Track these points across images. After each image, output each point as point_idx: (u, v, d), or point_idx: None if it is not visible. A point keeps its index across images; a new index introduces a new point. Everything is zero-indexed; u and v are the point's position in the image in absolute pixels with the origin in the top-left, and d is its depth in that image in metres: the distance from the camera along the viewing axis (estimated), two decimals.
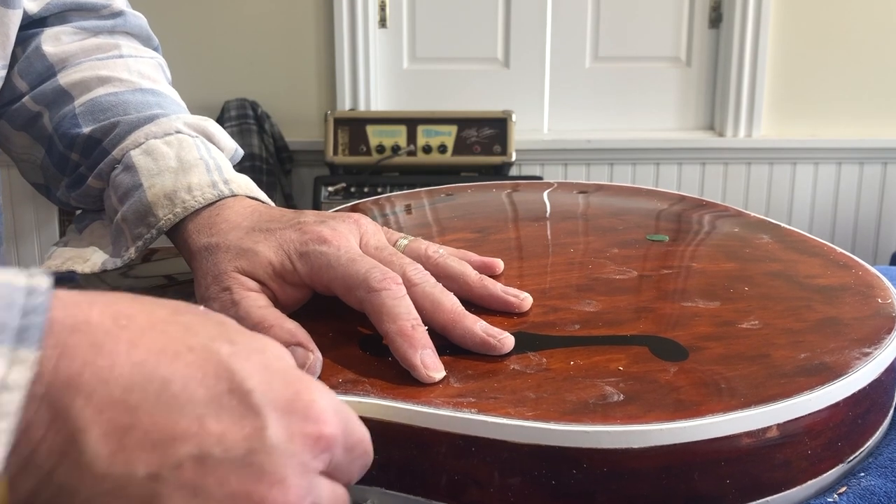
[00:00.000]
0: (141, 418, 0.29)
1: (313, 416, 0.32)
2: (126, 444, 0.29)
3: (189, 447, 0.29)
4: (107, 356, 0.29)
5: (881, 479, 0.42)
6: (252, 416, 0.31)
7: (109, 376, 0.29)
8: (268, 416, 0.31)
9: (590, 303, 0.50)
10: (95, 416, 0.29)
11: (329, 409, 0.33)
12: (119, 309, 0.31)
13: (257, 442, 0.30)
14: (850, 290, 0.52)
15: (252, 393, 0.31)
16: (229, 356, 0.32)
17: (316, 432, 0.32)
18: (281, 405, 0.31)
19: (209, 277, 0.49)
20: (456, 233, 0.63)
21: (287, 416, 0.31)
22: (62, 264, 0.55)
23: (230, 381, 0.31)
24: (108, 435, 0.29)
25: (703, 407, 0.39)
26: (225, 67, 2.57)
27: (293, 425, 0.31)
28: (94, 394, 0.29)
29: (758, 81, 2.55)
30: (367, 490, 0.42)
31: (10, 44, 0.60)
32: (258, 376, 0.32)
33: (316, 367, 0.44)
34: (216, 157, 0.56)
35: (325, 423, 0.32)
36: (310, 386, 0.33)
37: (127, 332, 0.30)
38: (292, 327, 0.45)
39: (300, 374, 0.33)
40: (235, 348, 0.32)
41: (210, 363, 0.31)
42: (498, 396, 0.40)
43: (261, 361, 0.32)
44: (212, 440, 0.30)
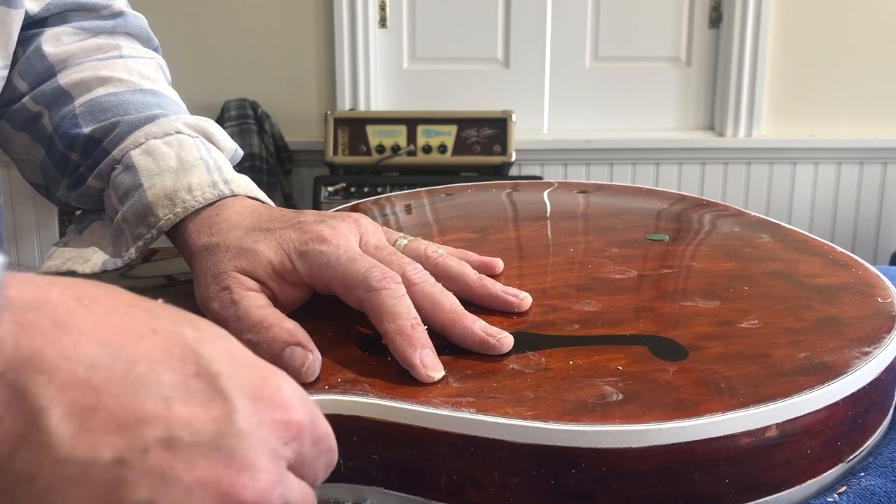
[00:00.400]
0: (106, 399, 0.28)
1: (281, 402, 0.32)
2: (90, 426, 0.27)
3: (156, 430, 0.28)
4: (69, 333, 0.28)
5: (881, 478, 0.42)
6: (220, 400, 0.30)
7: (73, 354, 0.28)
8: (236, 400, 0.30)
9: (589, 302, 0.50)
10: (58, 395, 0.27)
11: (296, 397, 0.32)
12: (80, 290, 0.30)
13: (226, 426, 0.29)
14: (850, 289, 0.52)
15: (219, 376, 0.30)
16: (194, 340, 0.31)
17: (285, 418, 0.31)
18: (249, 390, 0.31)
19: (209, 277, 0.49)
20: (456, 232, 0.63)
21: (255, 402, 0.31)
22: (62, 264, 0.55)
23: (197, 364, 0.30)
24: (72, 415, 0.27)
25: (703, 406, 0.39)
26: (225, 67, 2.57)
27: (262, 411, 0.31)
28: (57, 371, 0.27)
29: (758, 81, 2.55)
30: (367, 490, 0.42)
31: (12, 44, 0.60)
32: (225, 361, 0.31)
33: (315, 367, 0.43)
34: (216, 157, 0.57)
35: (294, 410, 0.32)
36: (276, 373, 0.33)
37: (90, 311, 0.29)
38: (292, 327, 0.45)
39: (265, 364, 0.33)
40: (200, 333, 0.32)
41: (175, 346, 0.30)
42: (497, 396, 0.40)
43: (225, 347, 0.32)
44: (179, 423, 0.29)
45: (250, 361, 0.32)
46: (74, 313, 0.29)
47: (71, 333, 0.28)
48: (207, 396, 0.30)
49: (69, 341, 0.28)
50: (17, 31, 0.60)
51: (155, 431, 0.28)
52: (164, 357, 0.30)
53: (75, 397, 0.27)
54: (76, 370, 0.28)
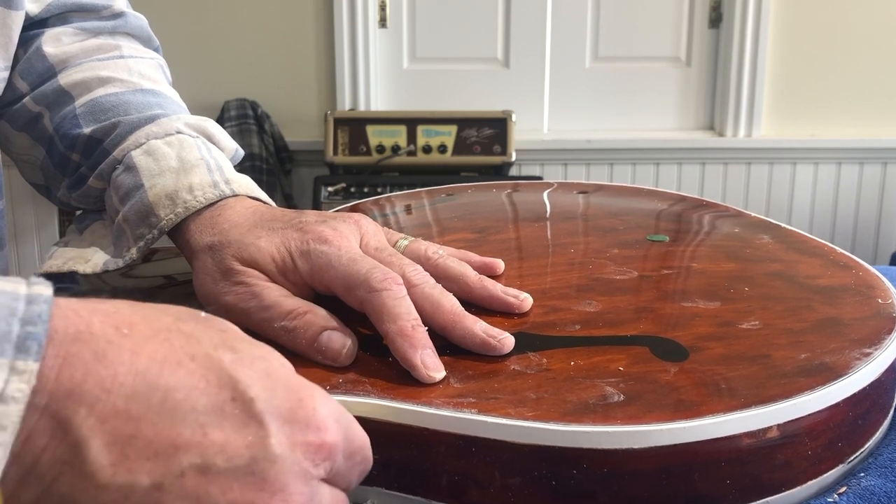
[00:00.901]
0: (143, 428, 0.29)
1: (315, 424, 0.32)
2: (129, 454, 0.29)
3: (192, 456, 0.29)
4: (109, 365, 0.29)
5: (881, 479, 0.42)
6: (255, 425, 0.31)
7: (112, 385, 0.29)
8: (270, 424, 0.31)
9: (590, 303, 0.50)
10: (98, 426, 0.29)
11: (331, 418, 0.33)
12: (121, 317, 0.31)
13: (260, 451, 0.30)
14: (850, 290, 0.52)
15: (255, 401, 0.31)
16: (232, 364, 0.32)
17: (318, 441, 0.32)
18: (284, 413, 0.32)
19: (216, 274, 0.49)
20: (456, 233, 0.63)
21: (290, 425, 0.32)
22: (63, 264, 0.55)
23: (233, 389, 0.31)
24: (111, 445, 0.29)
25: (704, 407, 0.39)
26: (225, 67, 2.57)
27: (296, 434, 0.32)
28: (97, 403, 0.29)
29: (758, 81, 2.55)
30: (367, 490, 0.42)
31: (12, 45, 0.60)
32: (261, 384, 0.32)
33: (353, 351, 0.45)
34: (217, 157, 0.57)
35: (327, 432, 0.33)
36: (313, 394, 0.33)
37: (129, 340, 0.30)
38: (326, 313, 0.46)
39: (303, 382, 0.34)
40: (238, 356, 0.32)
41: (212, 371, 0.31)
42: (498, 397, 0.40)
43: (264, 369, 0.33)
44: (214, 449, 0.30)
45: (288, 381, 0.33)
46: (114, 344, 0.30)
47: (111, 365, 0.29)
48: (242, 422, 0.31)
49: (109, 373, 0.29)
50: (17, 32, 0.60)
51: (190, 457, 0.29)
52: (200, 383, 0.31)
53: (114, 427, 0.29)
54: (115, 401, 0.29)
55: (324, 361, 0.45)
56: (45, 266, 0.55)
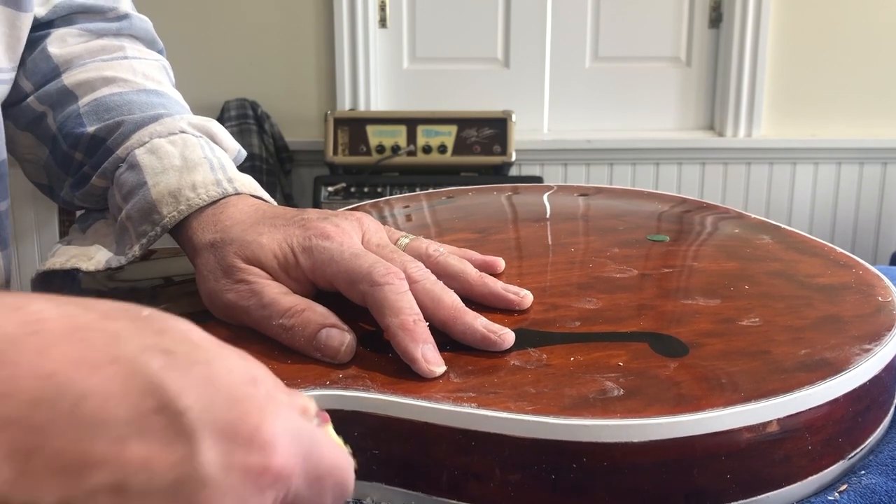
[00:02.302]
0: (48, 440, 0.25)
1: (259, 443, 0.27)
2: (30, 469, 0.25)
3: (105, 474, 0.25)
4: (7, 367, 0.25)
5: (882, 477, 0.42)
6: (183, 441, 0.26)
7: (10, 390, 0.25)
8: (202, 440, 0.26)
9: (590, 300, 0.50)
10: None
11: (281, 437, 0.28)
12: (30, 313, 0.27)
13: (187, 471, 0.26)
14: (850, 288, 0.52)
15: (185, 412, 0.26)
16: (162, 368, 0.27)
17: (259, 464, 0.27)
18: (220, 427, 0.27)
19: (218, 272, 0.49)
20: (457, 233, 0.63)
21: (227, 443, 0.27)
22: (66, 262, 0.55)
23: (159, 398, 0.26)
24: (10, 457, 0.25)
25: (704, 401, 0.39)
26: (225, 67, 2.57)
27: (234, 453, 0.27)
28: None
29: (758, 81, 2.55)
30: (368, 486, 0.42)
31: (21, 46, 0.60)
32: (195, 392, 0.27)
33: (352, 348, 0.44)
34: (220, 156, 0.57)
35: (273, 454, 0.28)
36: (262, 406, 0.28)
37: (37, 338, 0.26)
38: (324, 310, 0.46)
39: (252, 392, 0.29)
40: (171, 360, 0.27)
41: (136, 377, 0.26)
42: (498, 391, 0.41)
43: (203, 375, 0.28)
44: (132, 467, 0.26)
45: (234, 391, 0.28)
46: (16, 342, 0.26)
47: (10, 366, 0.25)
48: (169, 436, 0.26)
49: (6, 374, 0.25)
50: (26, 33, 0.60)
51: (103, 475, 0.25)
52: (120, 390, 0.26)
53: (14, 437, 0.25)
54: (15, 407, 0.25)
55: (323, 359, 0.45)
56: (47, 263, 0.55)
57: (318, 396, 0.41)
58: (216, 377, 0.28)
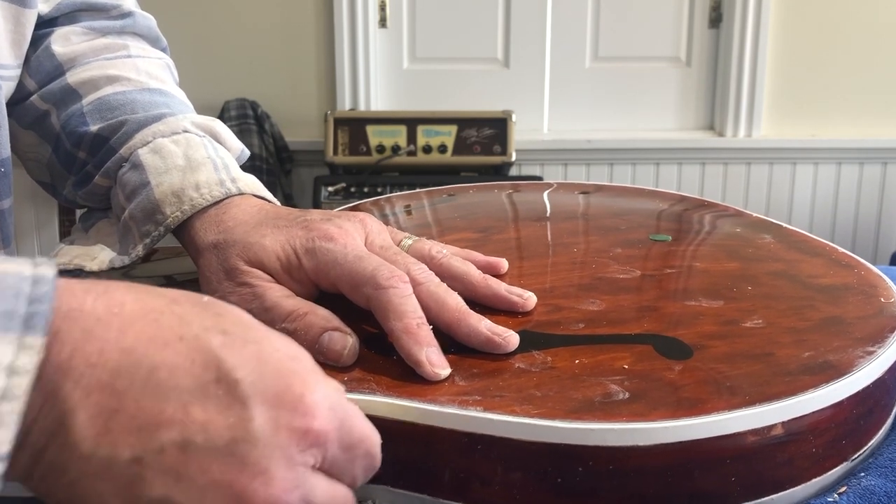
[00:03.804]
0: (127, 403, 0.30)
1: (302, 409, 0.32)
2: (111, 428, 0.30)
3: (172, 433, 0.30)
4: (96, 342, 0.30)
5: (881, 479, 0.42)
6: (238, 407, 0.31)
7: (98, 361, 0.30)
8: (254, 407, 0.31)
9: (594, 302, 0.50)
10: (83, 399, 0.29)
11: (321, 404, 0.33)
12: (113, 297, 0.32)
13: (241, 432, 0.31)
14: (852, 289, 0.52)
15: (240, 383, 0.31)
16: (220, 346, 0.32)
17: (303, 426, 0.32)
18: (269, 397, 0.32)
19: (220, 273, 0.49)
20: (459, 233, 0.63)
21: (275, 409, 0.32)
22: (70, 262, 0.55)
23: (218, 370, 0.31)
24: (95, 417, 0.29)
25: (708, 405, 0.39)
26: (225, 67, 2.57)
27: (280, 418, 0.32)
28: (83, 377, 0.30)
29: (758, 81, 2.55)
30: (372, 488, 0.42)
31: (25, 43, 0.60)
32: (248, 367, 0.32)
33: (355, 350, 0.45)
34: (223, 156, 0.57)
35: (315, 418, 0.32)
36: (305, 379, 0.33)
37: (118, 319, 0.31)
38: (326, 313, 0.46)
39: (296, 367, 0.34)
40: (228, 338, 0.33)
41: (199, 352, 0.32)
42: (503, 394, 0.41)
43: (254, 352, 0.33)
44: (195, 427, 0.30)
45: (280, 366, 0.33)
46: (103, 321, 0.31)
47: (97, 341, 0.30)
48: (226, 403, 0.31)
49: (95, 349, 0.30)
50: (30, 30, 0.60)
51: (171, 434, 0.30)
52: (185, 363, 0.31)
53: (99, 400, 0.30)
54: (100, 376, 0.30)
55: (326, 362, 0.45)
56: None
57: None
58: (265, 354, 0.33)
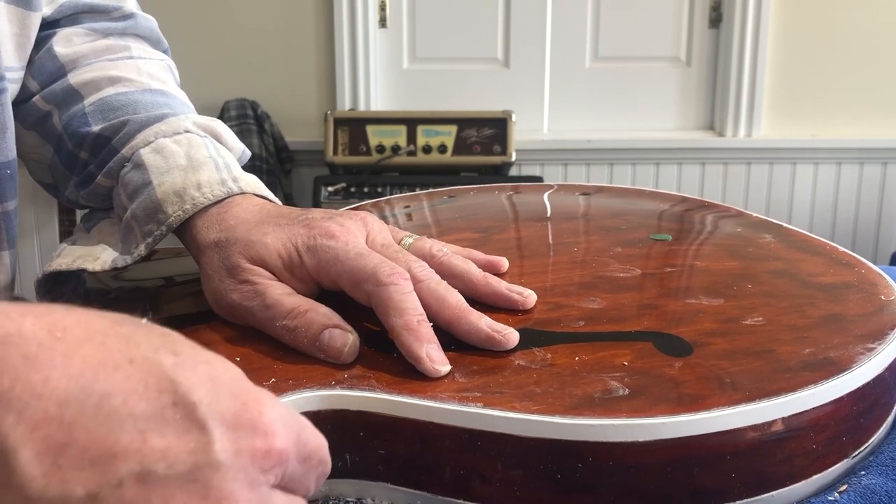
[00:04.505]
0: (78, 435, 0.27)
1: (261, 429, 0.31)
2: (62, 464, 0.27)
3: (130, 464, 0.28)
4: (40, 369, 0.27)
5: (882, 477, 0.42)
6: (197, 430, 0.29)
7: (43, 391, 0.27)
8: (214, 429, 0.30)
9: (594, 300, 0.50)
10: (28, 434, 0.27)
11: (278, 422, 0.32)
12: (54, 320, 0.29)
13: (203, 457, 0.29)
14: (853, 287, 0.52)
15: (197, 405, 0.30)
16: (173, 367, 0.30)
17: (265, 447, 0.31)
18: (228, 418, 0.30)
19: (222, 271, 0.49)
20: (459, 233, 0.63)
21: (234, 430, 0.30)
22: (72, 262, 0.55)
23: (174, 393, 0.29)
24: (43, 454, 0.27)
25: (709, 401, 0.39)
26: (225, 67, 2.57)
27: (241, 439, 0.30)
28: (27, 410, 0.27)
29: (758, 81, 2.55)
30: (372, 485, 0.42)
31: (30, 46, 0.60)
32: (204, 388, 0.30)
33: (355, 348, 0.45)
34: (225, 156, 0.57)
35: (275, 437, 0.31)
36: (258, 398, 0.32)
37: (62, 343, 0.28)
38: (327, 311, 0.46)
39: (247, 386, 0.32)
40: (179, 359, 0.31)
41: (152, 375, 0.29)
42: (503, 391, 0.41)
43: (207, 372, 0.31)
44: (155, 456, 0.28)
45: (233, 386, 0.31)
46: (45, 346, 0.28)
47: (42, 369, 0.28)
48: (184, 427, 0.29)
49: (40, 377, 0.27)
50: (34, 33, 0.60)
51: (129, 465, 0.28)
52: (139, 388, 0.29)
53: (46, 434, 0.27)
54: (47, 407, 0.27)
55: (327, 359, 0.45)
56: (53, 264, 0.56)
57: (323, 396, 0.42)
58: (218, 374, 0.31)
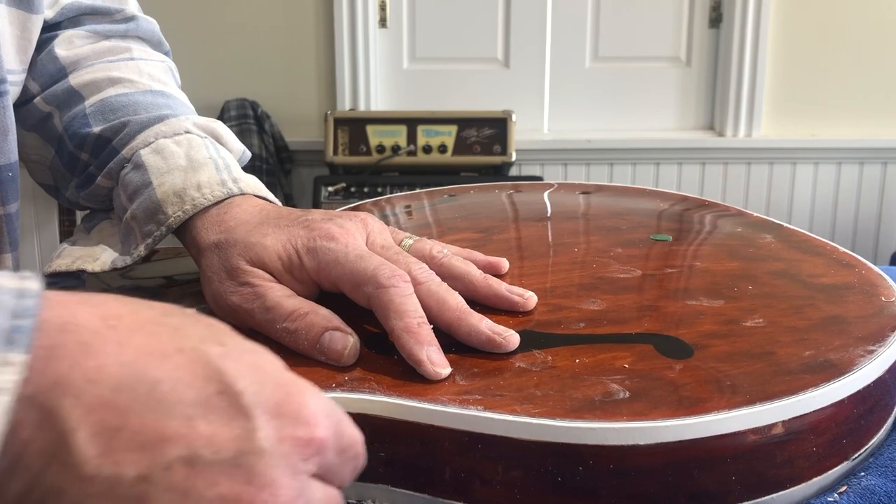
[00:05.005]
0: (130, 419, 0.29)
1: (304, 418, 0.32)
2: (115, 446, 0.28)
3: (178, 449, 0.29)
4: (95, 356, 0.29)
5: (881, 478, 0.42)
6: (242, 418, 0.30)
7: (98, 377, 0.29)
8: (258, 417, 0.30)
9: (594, 301, 0.50)
10: (84, 417, 0.28)
11: (320, 412, 0.33)
12: (108, 309, 0.31)
13: (247, 444, 0.30)
14: (853, 288, 0.52)
15: (242, 394, 0.31)
16: (219, 357, 0.31)
17: (307, 435, 0.32)
18: (271, 407, 0.31)
19: (222, 273, 0.49)
20: (460, 233, 0.63)
21: (278, 419, 0.31)
22: (72, 263, 0.55)
23: (220, 382, 0.31)
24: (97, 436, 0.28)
25: (709, 404, 0.39)
26: (225, 67, 2.57)
27: (284, 428, 0.31)
28: (83, 394, 0.28)
29: (758, 81, 2.55)
30: (372, 487, 0.42)
31: (31, 48, 0.60)
32: (249, 377, 0.31)
33: (356, 350, 0.45)
34: (225, 157, 0.57)
35: (317, 426, 0.32)
36: (301, 388, 0.33)
37: (115, 332, 0.30)
38: (327, 313, 0.46)
39: (291, 377, 0.33)
40: (226, 349, 0.32)
41: (199, 364, 0.31)
42: (504, 394, 0.41)
43: (252, 362, 0.32)
44: (201, 442, 0.29)
45: (277, 376, 0.33)
46: (100, 335, 0.30)
47: (96, 356, 0.29)
48: (229, 415, 0.30)
49: (94, 364, 0.29)
50: (36, 35, 0.60)
51: (177, 450, 0.29)
52: (187, 376, 0.30)
53: (101, 418, 0.28)
54: (101, 392, 0.29)
55: (327, 362, 0.45)
56: (53, 265, 0.56)
57: None
58: (262, 364, 0.32)
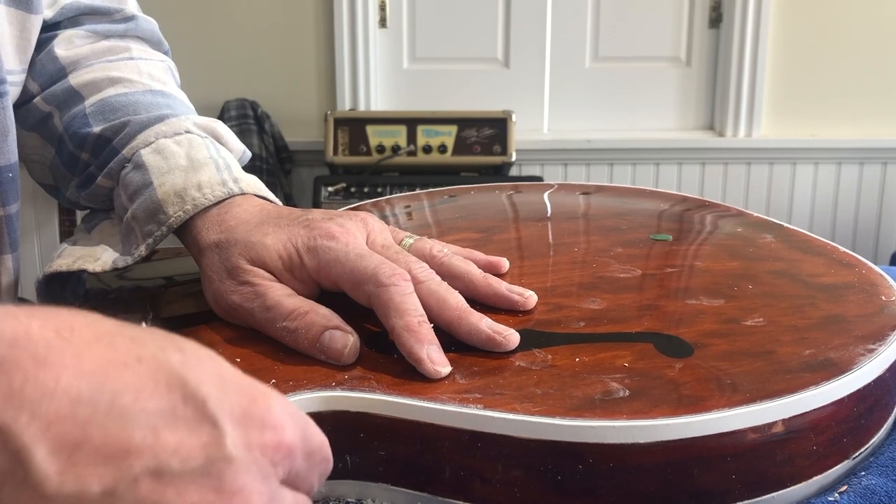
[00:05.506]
0: (91, 432, 0.27)
1: (271, 423, 0.31)
2: (77, 461, 0.27)
3: (145, 460, 0.28)
4: (50, 369, 0.28)
5: (882, 478, 0.42)
6: (208, 425, 0.29)
7: (55, 390, 0.27)
8: (225, 424, 0.30)
9: (594, 301, 0.50)
10: (42, 433, 0.27)
11: (286, 417, 0.32)
12: (61, 321, 0.29)
13: (216, 451, 0.29)
14: (854, 288, 0.52)
15: (207, 401, 0.30)
16: (181, 364, 0.30)
17: (275, 440, 0.31)
18: (237, 413, 0.30)
19: (222, 272, 0.49)
20: (460, 233, 0.63)
21: (244, 424, 0.30)
22: (73, 263, 0.55)
23: (183, 389, 0.30)
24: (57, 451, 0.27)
25: (709, 402, 0.39)
26: (225, 67, 2.57)
27: (251, 433, 0.31)
28: (39, 409, 0.27)
29: (758, 81, 2.55)
30: (373, 486, 0.42)
31: (31, 49, 0.60)
32: (211, 384, 0.30)
33: (356, 349, 0.45)
34: (225, 156, 0.57)
35: (284, 431, 0.32)
36: (265, 393, 0.32)
37: (70, 344, 0.29)
38: (327, 312, 0.46)
39: (252, 382, 0.33)
40: (185, 357, 0.31)
41: (161, 372, 0.30)
42: (503, 392, 0.41)
43: (213, 369, 0.31)
44: (168, 452, 0.28)
45: (239, 382, 0.32)
46: (54, 347, 0.28)
47: (52, 368, 0.28)
48: (195, 422, 0.29)
49: (50, 376, 0.27)
50: (36, 35, 0.60)
51: (144, 461, 0.28)
52: (149, 385, 0.29)
53: (60, 432, 0.27)
54: (59, 406, 0.27)
55: (327, 361, 0.45)
56: (54, 265, 0.56)
57: (324, 398, 0.42)
58: (223, 370, 0.32)
